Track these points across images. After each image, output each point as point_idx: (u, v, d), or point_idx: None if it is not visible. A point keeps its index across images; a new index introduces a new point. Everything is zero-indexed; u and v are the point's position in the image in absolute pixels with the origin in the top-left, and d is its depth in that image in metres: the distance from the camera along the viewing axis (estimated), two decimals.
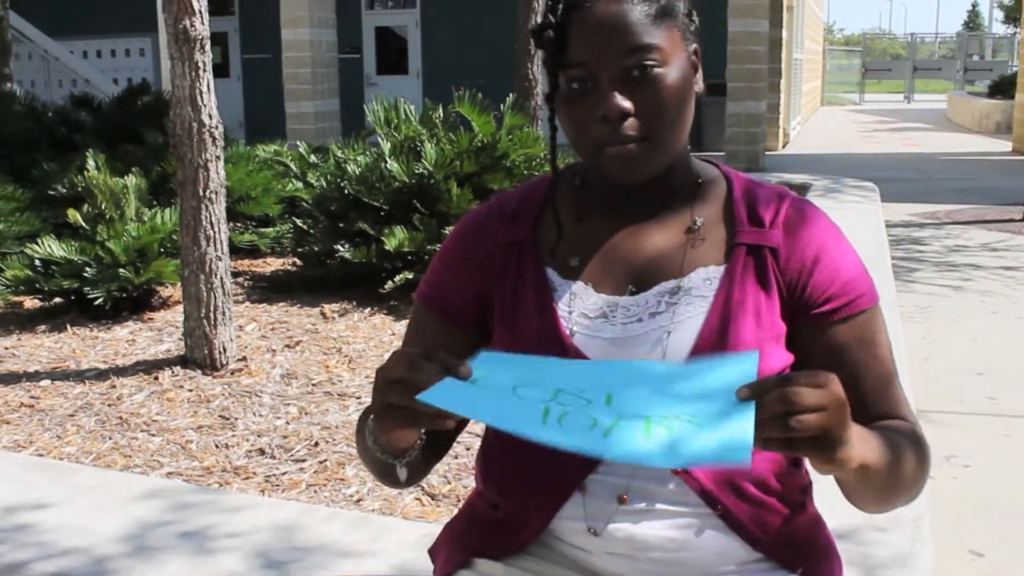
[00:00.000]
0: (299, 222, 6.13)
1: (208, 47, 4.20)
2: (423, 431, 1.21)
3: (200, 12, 4.11)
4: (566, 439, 1.01)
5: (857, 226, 7.63)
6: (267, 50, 16.73)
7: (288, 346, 4.79)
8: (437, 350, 1.11)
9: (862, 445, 1.09)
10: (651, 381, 1.08)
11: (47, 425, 3.83)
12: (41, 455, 3.55)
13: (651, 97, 1.24)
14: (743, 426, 0.99)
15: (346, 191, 5.83)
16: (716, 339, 1.26)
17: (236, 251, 6.45)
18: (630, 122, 1.24)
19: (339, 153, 6.30)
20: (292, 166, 7.54)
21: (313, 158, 7.54)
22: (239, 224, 6.85)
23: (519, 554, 1.38)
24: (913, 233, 9.15)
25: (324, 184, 6.11)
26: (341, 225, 5.81)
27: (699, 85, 1.32)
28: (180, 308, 4.70)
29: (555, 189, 1.41)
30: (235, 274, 6.17)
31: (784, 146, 17.43)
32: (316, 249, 5.87)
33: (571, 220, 1.38)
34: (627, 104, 1.24)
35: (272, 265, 6.83)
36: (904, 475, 1.22)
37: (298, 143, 8.26)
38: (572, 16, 1.25)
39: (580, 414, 1.04)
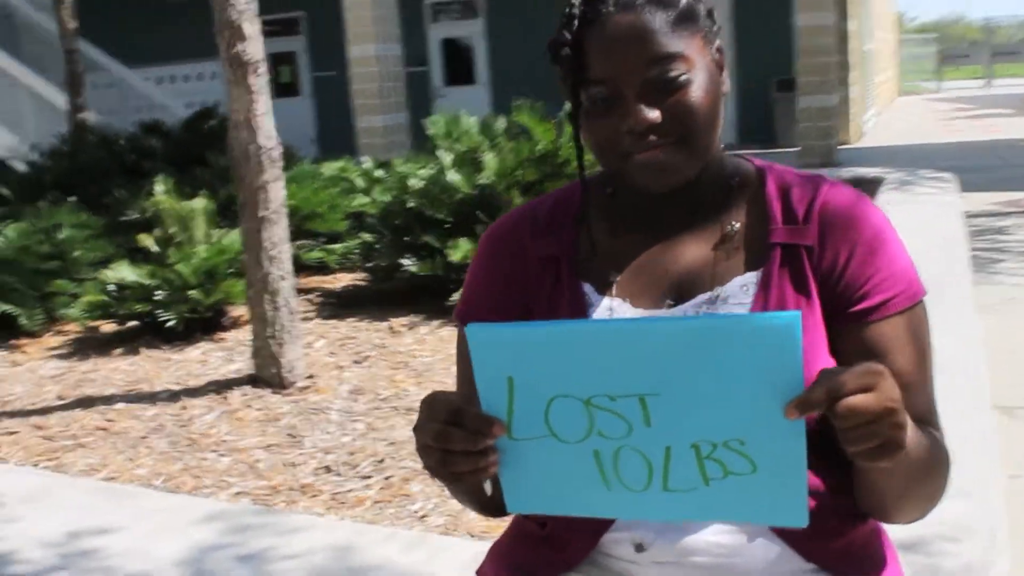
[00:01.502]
0: (367, 237, 6.16)
1: (262, 70, 4.24)
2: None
3: (252, 37, 4.14)
4: (630, 508, 1.09)
5: (932, 218, 7.44)
6: (335, 67, 16.92)
7: (356, 362, 4.81)
8: (467, 409, 1.06)
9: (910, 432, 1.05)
10: (681, 372, 1.01)
11: (120, 448, 3.89)
12: (113, 478, 3.60)
13: (678, 106, 1.20)
14: (797, 487, 1.02)
15: (409, 205, 5.85)
16: None
17: (306, 268, 6.51)
18: (658, 131, 1.20)
19: (401, 167, 6.32)
20: (357, 182, 7.59)
21: (379, 172, 7.57)
22: (308, 241, 6.91)
23: (566, 572, 1.35)
24: (996, 223, 8.87)
25: (388, 199, 6.13)
26: (406, 239, 5.83)
27: (725, 85, 1.27)
28: (250, 327, 4.74)
29: (587, 204, 1.37)
30: (305, 291, 6.22)
31: (859, 139, 17.09)
32: (383, 264, 5.89)
33: (605, 233, 1.34)
34: (654, 115, 1.20)
35: (342, 281, 6.88)
36: (931, 475, 1.19)
37: (365, 158, 8.31)
38: (588, 30, 1.21)
39: (631, 459, 1.05)
